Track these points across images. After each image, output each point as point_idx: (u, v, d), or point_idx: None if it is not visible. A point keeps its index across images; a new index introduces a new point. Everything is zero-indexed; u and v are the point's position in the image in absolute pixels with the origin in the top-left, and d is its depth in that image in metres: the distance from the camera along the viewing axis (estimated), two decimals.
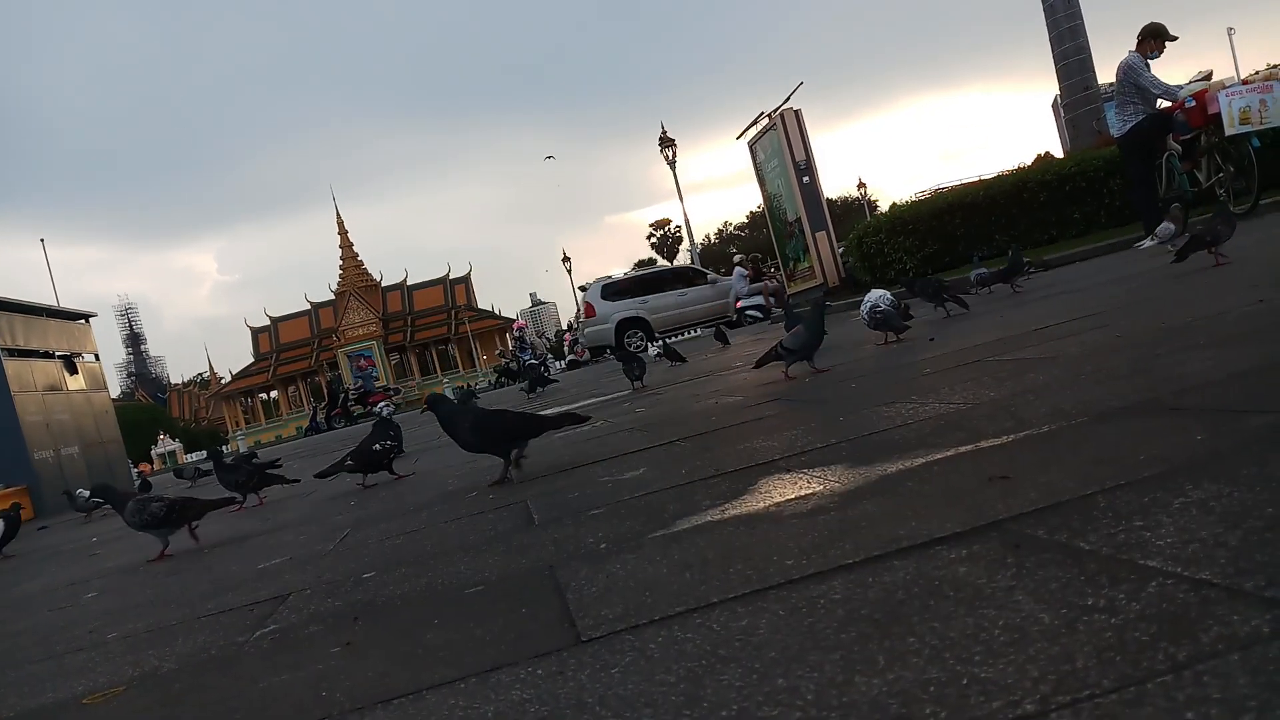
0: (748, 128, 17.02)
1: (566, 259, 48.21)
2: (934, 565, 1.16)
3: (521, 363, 24.90)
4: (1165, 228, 6.50)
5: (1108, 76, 9.28)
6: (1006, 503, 1.35)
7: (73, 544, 4.98)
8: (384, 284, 53.02)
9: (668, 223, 75.66)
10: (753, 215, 70.76)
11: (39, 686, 1.67)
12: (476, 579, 1.69)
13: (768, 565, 1.32)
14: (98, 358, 11.70)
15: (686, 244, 34.50)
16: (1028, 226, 11.92)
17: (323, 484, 4.46)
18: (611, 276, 22.72)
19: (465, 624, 1.41)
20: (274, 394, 54.72)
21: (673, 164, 29.33)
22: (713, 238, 78.06)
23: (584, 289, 23.36)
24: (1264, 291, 3.06)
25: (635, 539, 1.70)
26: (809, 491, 1.75)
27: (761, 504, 1.74)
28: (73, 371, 10.60)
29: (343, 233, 52.58)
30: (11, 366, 9.14)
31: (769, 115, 15.88)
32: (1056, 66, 17.02)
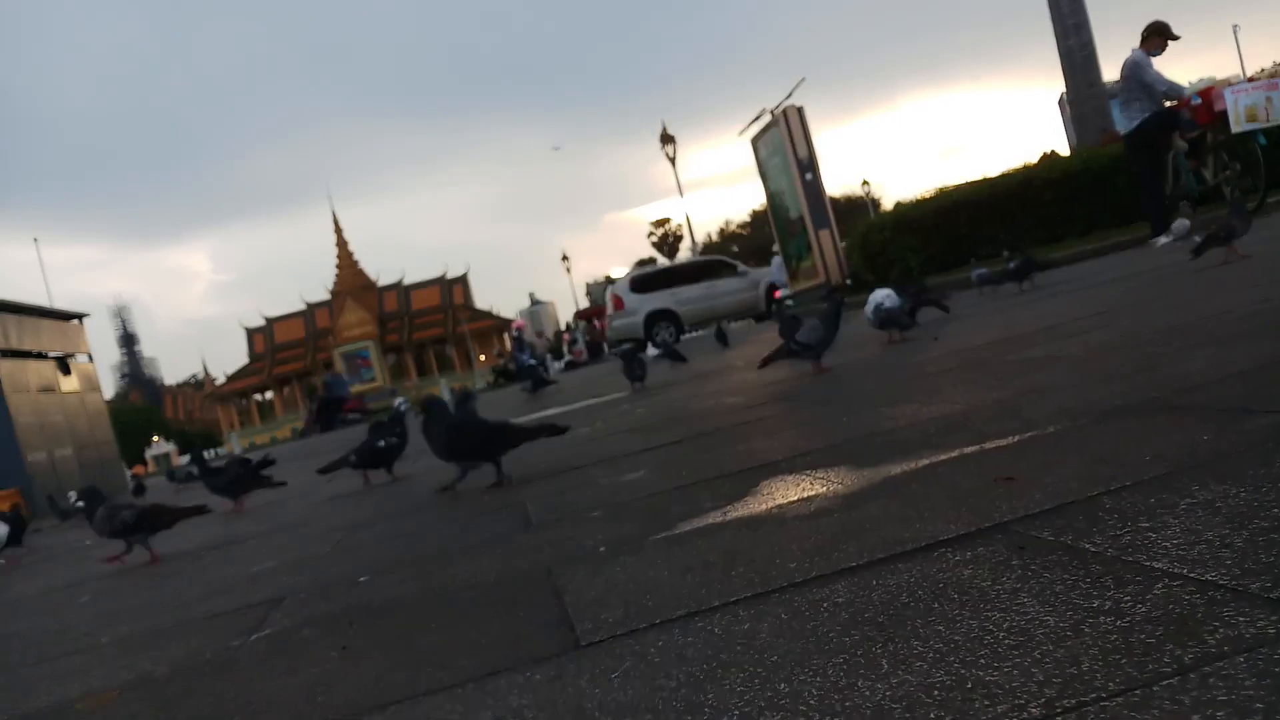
0: (750, 124, 17.02)
1: (565, 258, 48.31)
2: (938, 568, 1.15)
3: (520, 363, 24.90)
4: (1181, 224, 6.52)
5: (1113, 73, 9.26)
6: (1011, 504, 1.33)
7: (66, 547, 4.98)
8: (381, 284, 53.00)
9: (668, 221, 75.71)
10: (755, 213, 70.80)
11: (32, 690, 1.66)
12: (474, 582, 1.67)
13: (770, 568, 1.31)
14: (91, 358, 11.69)
15: (687, 242, 34.53)
16: (1033, 225, 11.91)
17: (320, 486, 4.45)
18: (641, 269, 22.88)
19: (462, 627, 1.40)
20: (269, 395, 54.71)
21: (674, 161, 29.34)
22: (714, 236, 78.11)
23: (612, 282, 23.43)
24: (1269, 290, 3.05)
25: (635, 541, 1.68)
26: (812, 493, 1.74)
27: (764, 506, 1.73)
28: (66, 372, 10.58)
29: (338, 232, 52.59)
30: (4, 367, 9.13)
31: (771, 112, 15.88)
32: (1062, 63, 16.98)
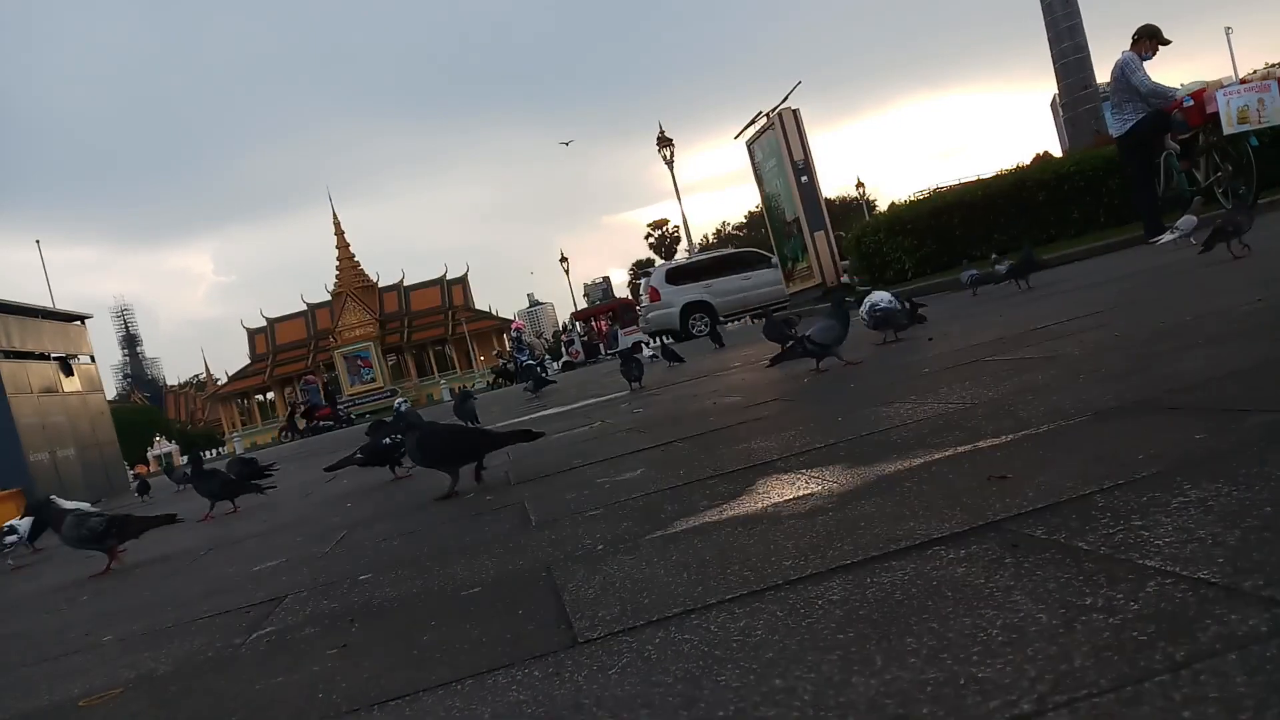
0: (746, 127, 17.04)
1: (564, 259, 48.28)
2: (932, 565, 1.16)
3: (519, 363, 24.90)
4: (1188, 220, 6.56)
5: (1106, 76, 9.29)
6: (1005, 503, 1.34)
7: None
8: (381, 285, 52.91)
9: (666, 222, 75.67)
10: (751, 215, 70.82)
11: (34, 689, 1.66)
12: (473, 580, 1.68)
13: (766, 566, 1.32)
14: (93, 359, 11.70)
15: (684, 244, 34.56)
16: (1026, 226, 11.94)
17: (320, 485, 4.46)
18: (675, 261, 22.95)
19: (462, 625, 1.41)
20: (270, 395, 54.63)
21: (670, 164, 29.37)
22: (710, 238, 78.06)
23: (647, 274, 23.56)
24: (1263, 289, 3.07)
25: (633, 540, 1.69)
26: (807, 492, 1.75)
27: (759, 504, 1.74)
28: (68, 373, 10.59)
29: (339, 233, 52.47)
30: (7, 368, 9.13)
31: (767, 115, 15.91)
32: (1055, 66, 17.01)
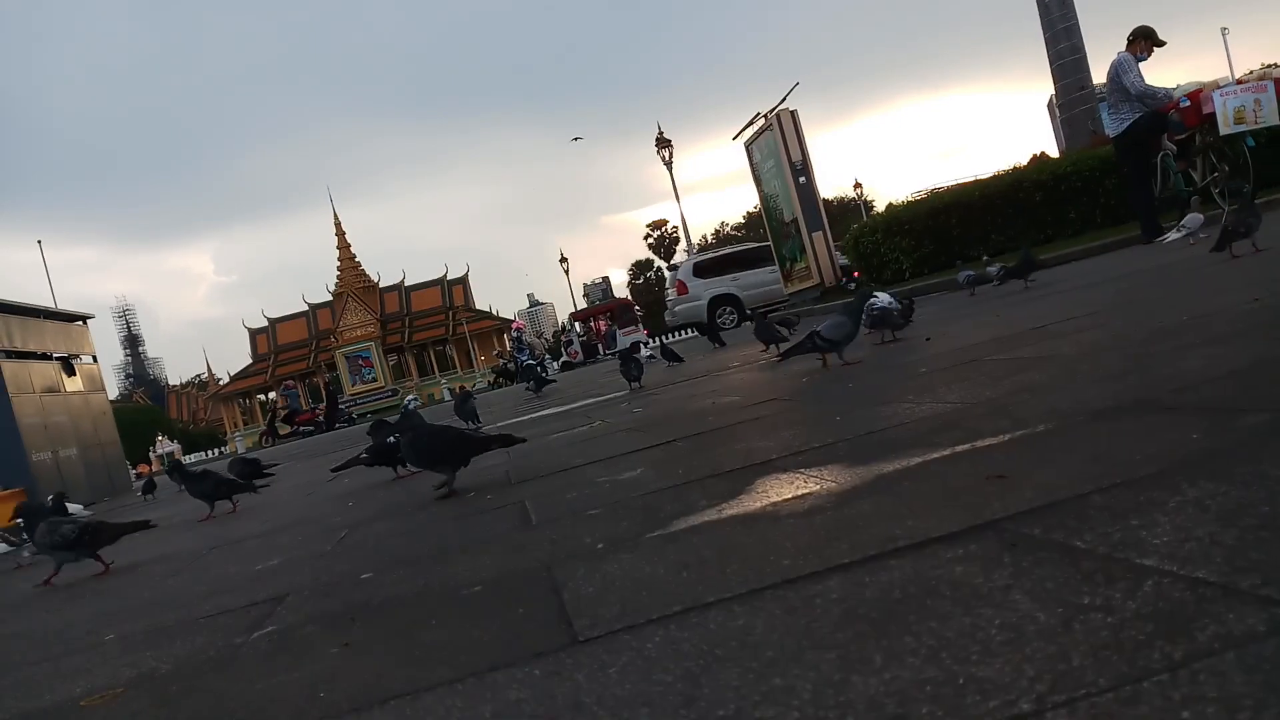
0: (744, 128, 17.06)
1: (564, 259, 48.26)
2: (930, 565, 1.16)
3: (519, 363, 24.92)
4: (1194, 218, 6.59)
5: (1102, 77, 9.29)
6: (1003, 502, 1.35)
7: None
8: (382, 285, 52.88)
9: (665, 223, 75.64)
10: (749, 215, 70.81)
11: (36, 689, 1.66)
12: (474, 579, 1.69)
13: (765, 565, 1.32)
14: (95, 359, 11.70)
15: (684, 244, 34.56)
16: (1024, 226, 11.95)
17: (321, 485, 4.46)
18: (703, 254, 23.04)
19: (463, 624, 1.41)
20: (272, 395, 54.61)
21: (669, 164, 29.39)
22: (709, 238, 78.06)
23: (674, 268, 23.69)
24: (1261, 289, 3.07)
25: (632, 539, 1.70)
26: (806, 491, 1.76)
27: (758, 504, 1.74)
28: (70, 373, 10.59)
29: (340, 233, 52.42)
30: (9, 368, 9.13)
31: (765, 116, 15.93)
32: (1051, 67, 17.01)
